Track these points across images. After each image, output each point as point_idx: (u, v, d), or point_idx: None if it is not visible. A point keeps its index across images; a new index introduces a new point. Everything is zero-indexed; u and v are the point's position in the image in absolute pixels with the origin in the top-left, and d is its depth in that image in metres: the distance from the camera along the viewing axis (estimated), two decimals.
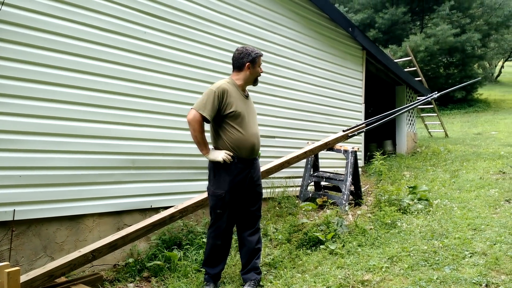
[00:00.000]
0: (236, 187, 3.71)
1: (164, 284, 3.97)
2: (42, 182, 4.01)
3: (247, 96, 3.85)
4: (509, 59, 31.97)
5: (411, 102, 10.81)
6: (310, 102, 7.16)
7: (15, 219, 3.80)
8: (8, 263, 3.08)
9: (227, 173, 3.67)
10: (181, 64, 5.14)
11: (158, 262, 4.22)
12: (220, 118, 3.66)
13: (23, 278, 3.24)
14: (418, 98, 11.24)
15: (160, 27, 4.93)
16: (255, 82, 3.89)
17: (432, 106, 13.64)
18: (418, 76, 12.77)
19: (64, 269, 3.52)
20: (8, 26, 3.76)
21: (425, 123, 14.61)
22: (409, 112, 11.12)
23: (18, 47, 3.83)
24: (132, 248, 4.54)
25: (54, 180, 4.09)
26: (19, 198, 3.86)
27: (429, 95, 7.43)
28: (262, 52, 3.92)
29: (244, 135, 3.67)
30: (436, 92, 7.42)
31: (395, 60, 12.08)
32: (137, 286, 4.02)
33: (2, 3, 3.68)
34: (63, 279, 3.76)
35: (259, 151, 3.98)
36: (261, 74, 3.89)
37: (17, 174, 3.84)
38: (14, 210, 3.80)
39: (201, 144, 3.66)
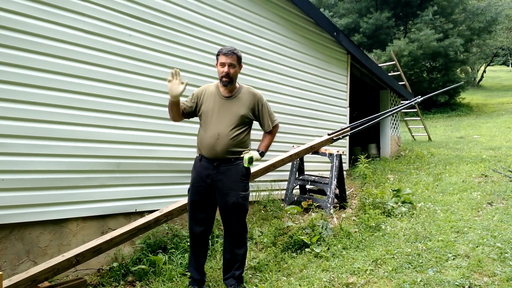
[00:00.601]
0: (197, 184, 3.76)
1: None
2: (25, 185, 3.96)
3: (228, 97, 3.76)
4: (491, 64, 32.50)
5: (395, 106, 10.92)
6: (295, 106, 7.19)
7: None
8: None
9: (194, 169, 3.83)
10: (166, 67, 5.12)
11: (143, 266, 4.19)
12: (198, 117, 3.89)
13: (6, 283, 3.20)
14: (402, 102, 11.38)
15: (145, 30, 4.91)
16: (220, 81, 3.72)
17: (416, 110, 13.79)
18: (402, 81, 12.89)
19: (47, 274, 3.47)
20: None
21: (409, 126, 14.76)
22: (393, 116, 11.22)
23: None
24: (116, 252, 4.50)
25: (38, 184, 4.04)
26: (1, 202, 3.80)
27: (412, 99, 7.52)
28: (223, 49, 3.71)
29: (204, 134, 3.73)
30: (420, 96, 7.52)
31: (379, 65, 12.19)
32: None
33: None
34: (46, 284, 3.71)
35: (245, 157, 3.72)
36: (224, 71, 3.65)
37: None
38: None
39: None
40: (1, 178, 3.80)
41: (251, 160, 3.74)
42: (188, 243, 4.46)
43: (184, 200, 4.33)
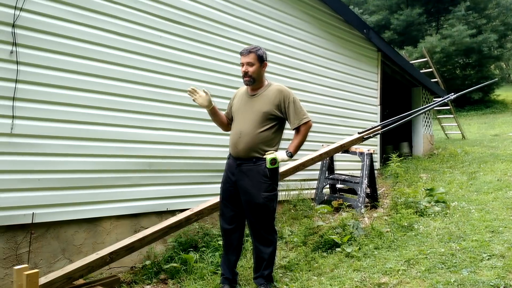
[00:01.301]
0: (224, 182, 3.84)
1: (180, 286, 3.99)
2: (61, 185, 4.06)
3: (253, 95, 3.79)
4: None
5: (427, 104, 10.73)
6: (325, 105, 7.15)
7: (34, 222, 3.86)
8: (27, 265, 3.13)
9: (225, 167, 3.89)
10: (196, 67, 5.18)
11: (175, 265, 4.25)
12: None
13: (42, 280, 3.28)
14: (434, 99, 11.18)
15: (176, 31, 4.98)
16: (243, 80, 3.77)
17: (449, 107, 13.52)
18: (434, 78, 12.67)
19: (82, 272, 3.56)
20: (27, 31, 3.83)
21: (442, 124, 14.48)
22: (425, 114, 11.03)
23: (37, 52, 3.90)
24: (149, 251, 4.57)
25: (72, 183, 4.15)
26: (38, 201, 3.92)
27: (445, 97, 7.38)
28: (242, 50, 3.77)
29: (231, 132, 3.81)
30: (453, 94, 7.37)
31: (411, 62, 12.02)
32: None
33: (20, 9, 3.75)
34: (81, 281, 3.80)
35: (267, 158, 3.60)
36: (242, 71, 3.71)
37: (36, 177, 3.90)
38: (33, 213, 3.86)
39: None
40: (38, 177, 3.91)
41: (273, 161, 3.61)
42: (219, 242, 4.51)
43: (215, 199, 4.37)
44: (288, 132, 3.95)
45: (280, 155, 3.70)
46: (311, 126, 3.86)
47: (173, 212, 4.75)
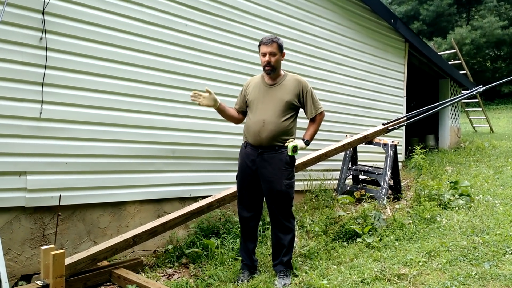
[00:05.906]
0: (243, 171, 3.87)
1: (201, 271, 4.06)
2: (87, 169, 4.16)
3: (272, 84, 3.81)
4: None
5: (455, 96, 10.55)
6: (349, 95, 7.10)
7: (61, 204, 3.96)
8: (53, 246, 3.24)
9: (240, 155, 3.93)
10: (221, 56, 5.21)
11: (196, 250, 4.32)
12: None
13: (68, 260, 3.39)
14: (462, 92, 10.97)
15: (201, 19, 5.00)
16: (264, 70, 3.80)
17: (477, 100, 13.25)
18: (463, 70, 12.43)
19: (106, 253, 3.66)
20: (56, 18, 3.91)
21: (470, 117, 14.21)
22: (452, 106, 10.85)
23: (65, 39, 3.97)
24: (171, 235, 4.66)
25: (98, 168, 4.24)
26: (65, 184, 4.02)
27: (473, 89, 7.24)
28: (263, 39, 3.75)
29: (250, 121, 3.81)
30: (481, 86, 7.22)
31: (439, 53, 11.82)
32: (176, 271, 4.14)
33: None
34: (105, 262, 3.91)
35: (288, 145, 3.68)
36: (265, 60, 3.72)
37: (63, 161, 4.00)
38: (60, 195, 3.96)
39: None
40: (65, 161, 4.02)
41: (295, 149, 3.70)
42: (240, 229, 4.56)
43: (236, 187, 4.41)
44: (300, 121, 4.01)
45: (300, 143, 3.78)
46: (324, 115, 3.99)
47: (195, 199, 4.81)
